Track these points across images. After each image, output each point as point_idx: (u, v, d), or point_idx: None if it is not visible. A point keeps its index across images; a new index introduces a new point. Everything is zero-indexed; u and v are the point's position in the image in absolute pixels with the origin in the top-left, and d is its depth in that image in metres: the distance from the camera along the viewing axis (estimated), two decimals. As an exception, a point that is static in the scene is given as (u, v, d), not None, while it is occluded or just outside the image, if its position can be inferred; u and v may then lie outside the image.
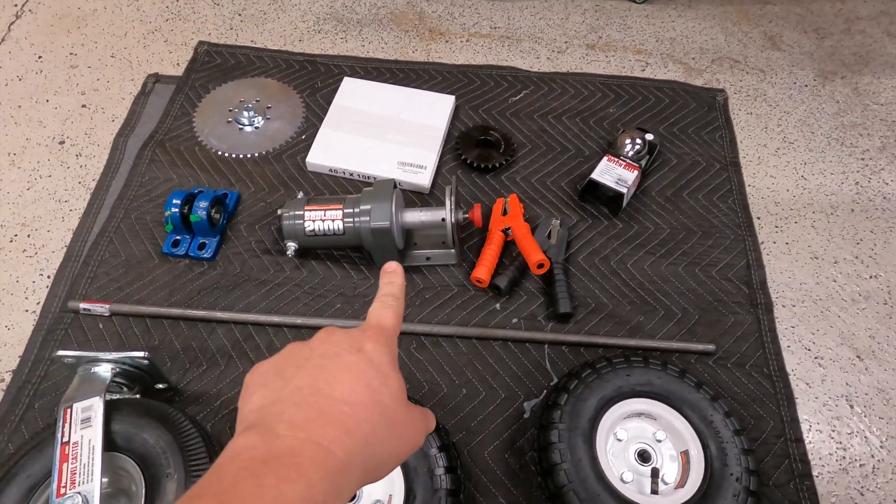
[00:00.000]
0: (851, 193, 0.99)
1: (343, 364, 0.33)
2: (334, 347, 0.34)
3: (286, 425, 0.30)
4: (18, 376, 0.75)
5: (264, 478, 0.27)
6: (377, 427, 0.32)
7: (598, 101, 1.07)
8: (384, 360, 0.35)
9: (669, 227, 0.92)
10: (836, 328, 0.84)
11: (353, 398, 0.32)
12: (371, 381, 0.33)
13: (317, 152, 0.96)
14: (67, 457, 0.58)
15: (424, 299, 0.84)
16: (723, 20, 1.25)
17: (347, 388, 0.32)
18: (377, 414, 0.32)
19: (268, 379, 0.33)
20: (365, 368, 0.33)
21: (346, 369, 0.33)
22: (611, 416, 0.69)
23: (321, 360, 0.33)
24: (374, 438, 0.31)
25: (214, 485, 0.27)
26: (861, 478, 0.73)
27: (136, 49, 1.14)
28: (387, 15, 1.23)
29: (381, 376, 0.34)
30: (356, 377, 0.33)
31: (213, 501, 0.26)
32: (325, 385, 0.32)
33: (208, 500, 0.26)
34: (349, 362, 0.33)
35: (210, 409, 0.74)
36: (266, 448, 0.29)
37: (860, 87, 1.13)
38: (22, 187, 0.94)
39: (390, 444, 0.33)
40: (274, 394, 0.32)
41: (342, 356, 0.34)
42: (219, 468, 0.28)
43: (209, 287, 0.84)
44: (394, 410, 0.33)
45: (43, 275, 0.85)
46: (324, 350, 0.34)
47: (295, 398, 0.31)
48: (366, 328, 0.37)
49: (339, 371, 0.33)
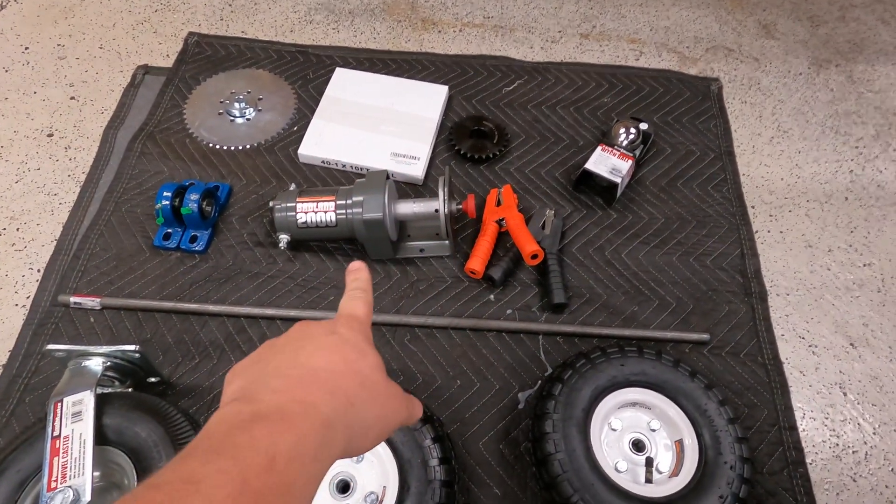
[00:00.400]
0: (846, 182, 0.99)
1: (319, 343, 0.35)
2: (308, 333, 0.36)
3: (269, 391, 0.30)
4: (8, 371, 0.75)
5: (256, 431, 0.27)
6: (358, 392, 0.33)
7: (592, 91, 1.07)
8: (359, 339, 0.36)
9: (664, 217, 0.92)
10: (829, 316, 0.84)
11: (332, 367, 0.33)
12: (348, 355, 0.34)
13: (309, 144, 0.95)
14: (58, 451, 0.57)
15: (418, 291, 0.83)
16: (717, 9, 1.24)
17: (325, 359, 0.33)
18: (357, 381, 0.33)
19: (246, 368, 0.34)
20: (341, 345, 0.35)
21: (323, 346, 0.34)
22: (605, 406, 0.68)
23: (298, 343, 0.35)
24: (357, 401, 0.32)
25: (205, 442, 0.27)
26: (854, 464, 0.73)
27: (124, 40, 1.12)
28: (379, 5, 1.21)
29: (358, 351, 0.35)
30: (332, 352, 0.34)
31: (208, 453, 0.26)
32: (305, 359, 0.33)
33: (202, 452, 0.26)
34: (325, 342, 0.35)
35: (202, 402, 0.74)
36: (253, 409, 0.29)
37: (854, 75, 1.13)
38: (10, 180, 0.93)
39: (374, 410, 0.34)
40: (253, 374, 0.33)
41: (317, 338, 0.35)
42: (207, 431, 0.28)
43: (201, 280, 0.83)
44: (373, 380, 0.34)
45: (33, 269, 0.84)
46: (299, 336, 0.36)
47: (275, 373, 0.32)
48: (338, 318, 0.38)
49: (315, 349, 0.34)
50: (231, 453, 0.26)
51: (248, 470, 0.25)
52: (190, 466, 0.25)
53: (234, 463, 0.25)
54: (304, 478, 0.27)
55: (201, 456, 0.26)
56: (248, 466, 0.25)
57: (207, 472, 0.25)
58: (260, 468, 0.26)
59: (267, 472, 0.26)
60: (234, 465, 0.25)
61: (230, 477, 0.25)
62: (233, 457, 0.26)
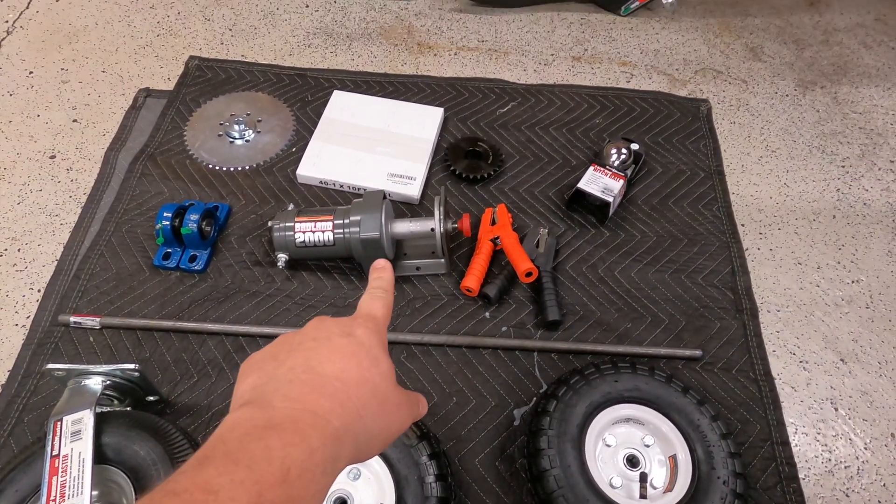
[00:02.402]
0: (833, 200, 1.01)
1: (334, 345, 0.34)
2: (325, 332, 0.35)
3: (282, 398, 0.31)
4: (8, 390, 0.75)
5: (270, 440, 0.28)
6: (368, 403, 0.33)
7: (584, 112, 1.09)
8: (374, 343, 0.35)
9: (655, 235, 0.93)
10: (819, 332, 0.86)
11: (345, 375, 0.33)
12: (361, 361, 0.34)
13: (307, 164, 0.97)
14: (57, 470, 0.58)
15: (415, 309, 0.84)
16: (705, 32, 1.28)
17: (338, 366, 0.33)
18: (368, 391, 0.33)
19: (261, 363, 0.34)
20: (355, 350, 0.34)
21: (337, 350, 0.34)
22: (599, 422, 0.69)
23: (313, 343, 0.34)
24: (365, 413, 0.32)
25: (221, 448, 0.28)
26: (846, 479, 0.74)
27: (127, 64, 1.15)
28: (376, 29, 1.24)
29: (371, 357, 0.34)
30: (346, 357, 0.34)
31: (224, 461, 0.27)
32: (318, 364, 0.33)
33: (219, 460, 0.27)
34: (340, 344, 0.34)
35: (201, 420, 0.74)
36: (266, 417, 0.29)
37: (839, 97, 1.16)
38: (13, 202, 0.95)
39: (381, 421, 0.34)
40: (267, 374, 0.33)
41: (333, 339, 0.35)
42: (220, 437, 0.28)
43: (200, 299, 0.84)
44: (384, 389, 0.34)
45: (33, 289, 0.85)
46: (315, 335, 0.35)
47: (288, 376, 0.32)
48: (356, 317, 0.38)
49: (329, 352, 0.34)
50: (247, 463, 0.26)
51: (263, 481, 0.26)
52: (207, 474, 0.26)
53: (249, 474, 0.26)
54: (313, 490, 0.28)
55: (218, 464, 0.26)
56: (262, 478, 0.26)
57: (224, 483, 0.25)
58: (274, 480, 0.26)
59: (280, 484, 0.26)
60: (249, 476, 0.26)
61: (246, 488, 0.25)
62: (248, 467, 0.26)
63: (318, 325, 0.36)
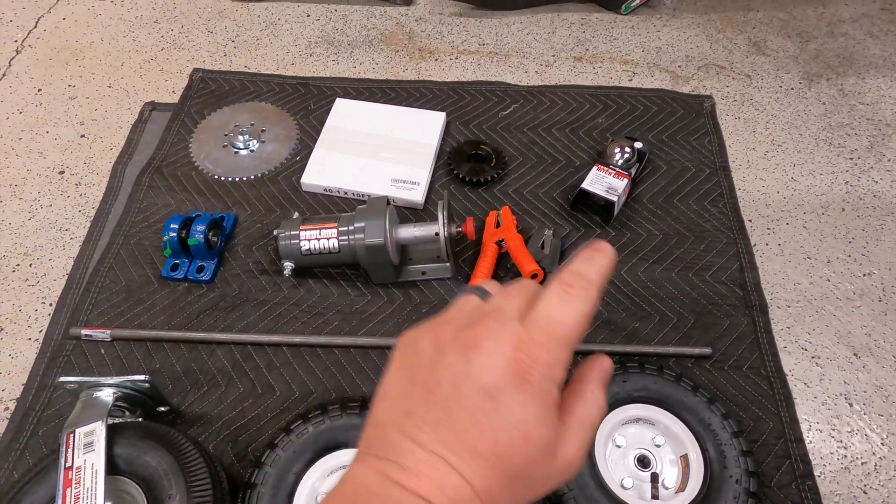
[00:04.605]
0: (841, 193, 1.00)
1: (503, 401, 0.25)
2: (489, 372, 0.26)
3: (431, 463, 0.25)
4: (22, 404, 0.76)
5: None
6: (535, 475, 0.26)
7: (587, 112, 1.09)
8: (553, 388, 0.26)
9: (662, 233, 0.93)
10: (831, 327, 0.85)
11: (515, 451, 0.25)
12: (541, 430, 0.26)
13: (311, 173, 0.97)
14: (71, 482, 0.58)
15: (421, 313, 0.85)
16: (707, 28, 1.27)
17: (507, 435, 0.25)
18: (541, 465, 0.26)
19: (404, 391, 0.27)
20: (533, 413, 0.26)
21: (506, 410, 0.25)
22: (609, 423, 0.69)
23: (467, 380, 0.26)
24: (533, 483, 0.26)
25: None
26: (863, 476, 0.73)
27: (132, 78, 1.16)
28: (377, 36, 1.25)
29: (548, 421, 0.26)
30: (518, 426, 0.25)
31: None
32: (477, 420, 0.25)
33: None
34: (512, 401, 0.25)
35: (211, 430, 0.75)
36: (409, 488, 0.25)
37: (845, 88, 1.15)
38: (24, 217, 0.96)
39: (545, 488, 0.27)
40: (408, 405, 0.27)
41: (502, 399, 0.25)
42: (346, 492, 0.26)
43: (208, 309, 0.85)
44: (564, 458, 0.27)
45: (45, 303, 0.86)
46: (466, 362, 0.26)
47: (437, 424, 0.26)
48: (533, 329, 0.27)
49: (494, 410, 0.25)
50: None
51: None
52: None
53: None
54: None
55: None
56: None
57: None
58: None
59: None
60: None
61: None
62: None
63: (472, 346, 0.26)
